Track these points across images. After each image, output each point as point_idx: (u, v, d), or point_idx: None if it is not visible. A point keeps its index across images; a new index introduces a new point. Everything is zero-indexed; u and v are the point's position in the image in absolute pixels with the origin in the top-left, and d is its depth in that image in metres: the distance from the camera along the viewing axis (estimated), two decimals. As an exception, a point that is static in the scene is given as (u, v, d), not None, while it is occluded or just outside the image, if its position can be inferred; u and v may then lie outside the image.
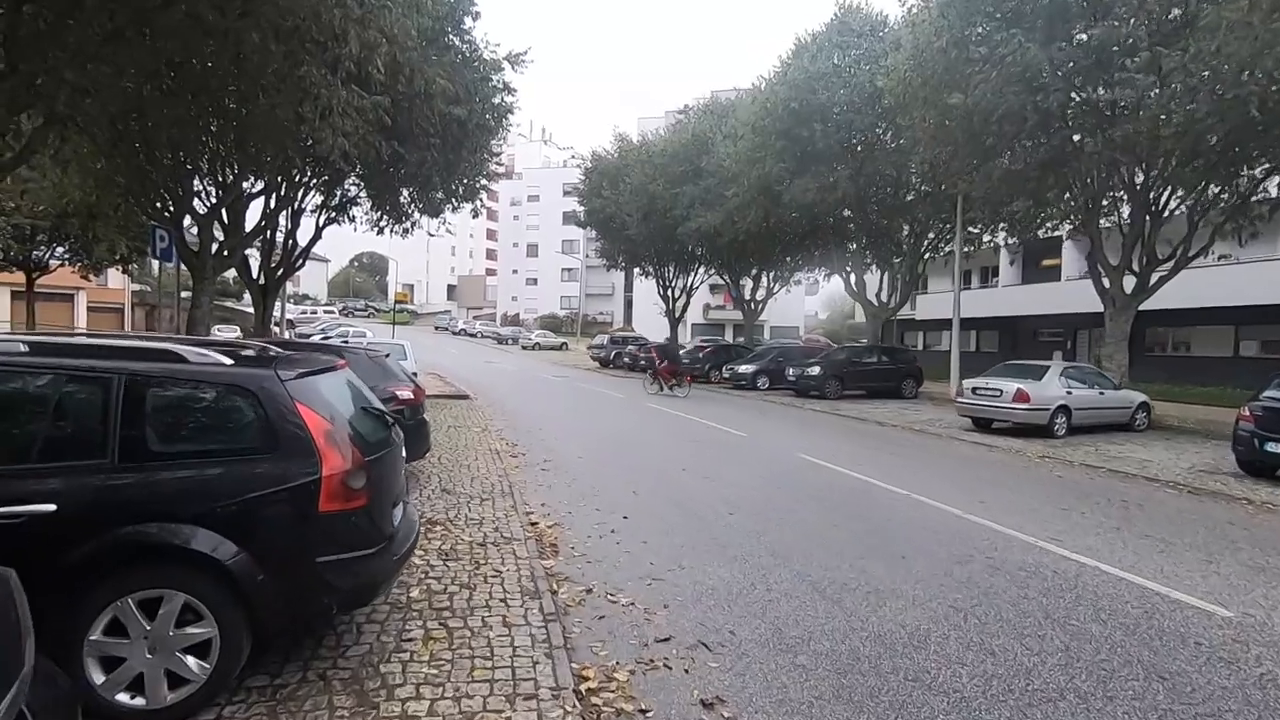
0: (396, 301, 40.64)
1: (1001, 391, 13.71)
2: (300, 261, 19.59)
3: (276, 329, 22.17)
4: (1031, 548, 6.01)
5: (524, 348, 51.03)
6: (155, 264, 14.56)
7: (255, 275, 18.44)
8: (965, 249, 22.80)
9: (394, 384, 7.66)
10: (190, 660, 2.98)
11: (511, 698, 3.30)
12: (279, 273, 18.47)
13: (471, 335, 61.19)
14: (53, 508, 2.83)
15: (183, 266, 14.11)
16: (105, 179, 13.96)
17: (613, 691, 3.47)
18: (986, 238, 24.44)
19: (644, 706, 3.36)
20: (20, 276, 25.65)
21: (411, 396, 7.66)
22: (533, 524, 6.40)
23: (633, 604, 4.62)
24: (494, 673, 3.54)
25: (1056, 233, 22.49)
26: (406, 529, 3.94)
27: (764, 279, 36.39)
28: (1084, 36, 13.65)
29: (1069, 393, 13.74)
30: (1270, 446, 9.37)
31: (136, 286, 39.38)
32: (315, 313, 60.13)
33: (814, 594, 4.82)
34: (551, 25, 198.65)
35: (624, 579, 5.11)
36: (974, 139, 15.92)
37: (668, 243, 33.55)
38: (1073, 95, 14.38)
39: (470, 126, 15.42)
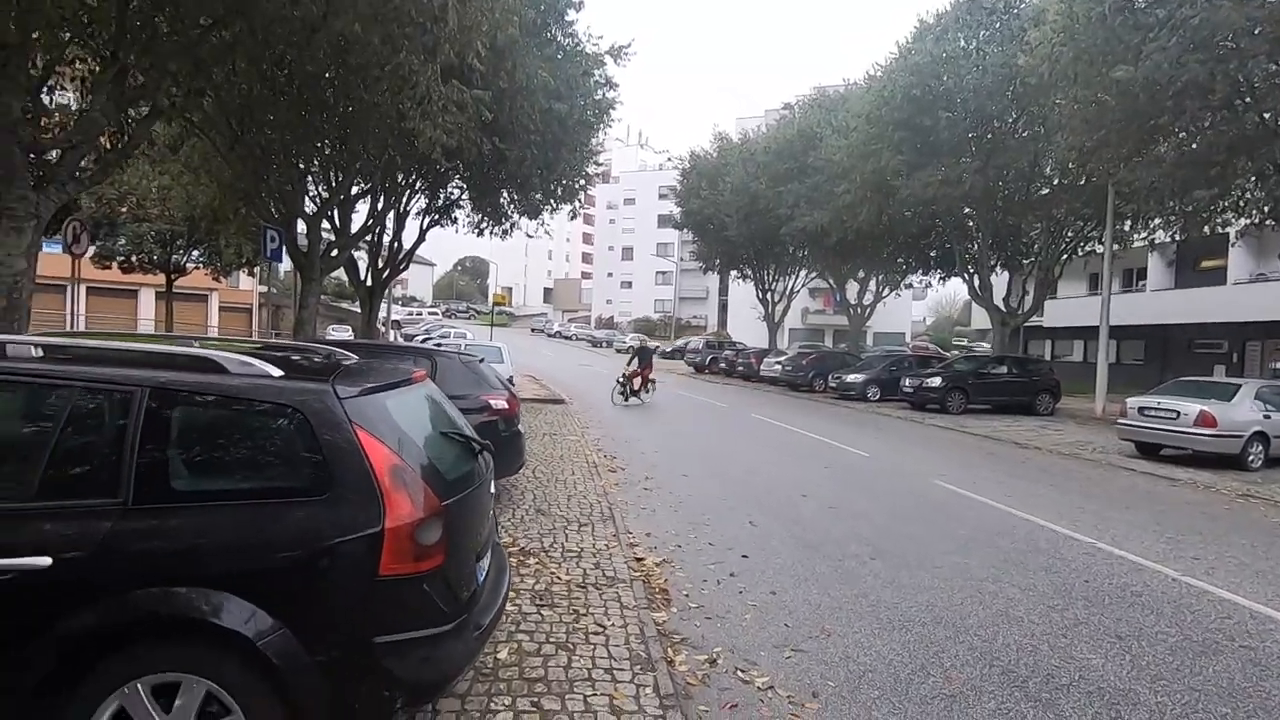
0: (495, 303, 41.30)
1: (1179, 414, 11.58)
2: (405, 264, 19.88)
3: (381, 328, 22.71)
4: (1300, 635, 4.51)
5: (618, 351, 50.81)
6: (273, 265, 14.82)
7: (363, 277, 18.85)
8: (1114, 248, 20.08)
9: (488, 392, 7.01)
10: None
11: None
12: (385, 274, 18.77)
13: (566, 338, 61.80)
14: (47, 561, 2.18)
15: (296, 268, 14.38)
16: (227, 184, 14.44)
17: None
18: (1140, 235, 21.52)
19: None
20: (161, 278, 27.90)
21: (506, 406, 6.98)
22: (638, 560, 5.52)
23: (772, 687, 3.62)
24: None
25: (1222, 229, 19.37)
26: (494, 585, 3.12)
27: (871, 282, 34.17)
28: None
29: (1266, 417, 11.43)
30: None
31: (263, 288, 42.09)
32: (420, 314, 62.53)
33: (1013, 690, 3.64)
34: (642, 14, 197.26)
35: (754, 645, 4.12)
36: (1137, 118, 13.80)
37: (768, 244, 32.13)
38: (1271, 64, 12.08)
39: (571, 123, 14.90)
